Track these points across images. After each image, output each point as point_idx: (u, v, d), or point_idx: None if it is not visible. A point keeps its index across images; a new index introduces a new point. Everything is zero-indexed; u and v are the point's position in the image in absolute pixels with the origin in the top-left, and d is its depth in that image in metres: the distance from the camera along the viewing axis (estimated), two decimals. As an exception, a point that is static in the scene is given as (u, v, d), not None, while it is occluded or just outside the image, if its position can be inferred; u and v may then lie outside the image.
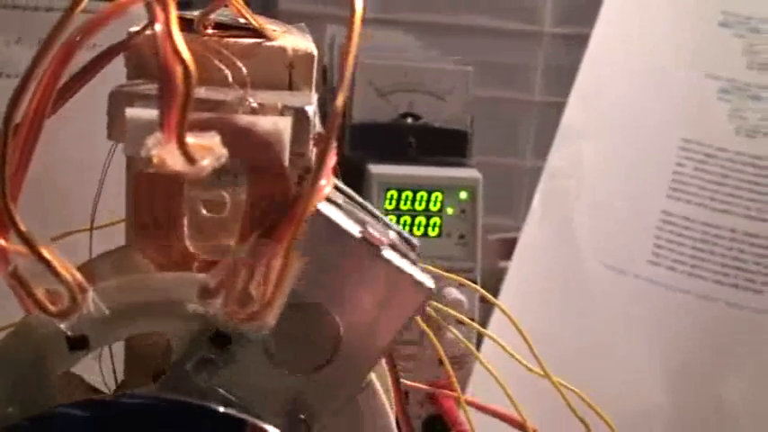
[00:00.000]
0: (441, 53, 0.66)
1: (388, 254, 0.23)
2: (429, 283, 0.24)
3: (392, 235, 0.24)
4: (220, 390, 0.23)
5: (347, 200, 0.24)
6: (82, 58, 0.27)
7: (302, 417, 0.24)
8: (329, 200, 0.23)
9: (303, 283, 0.22)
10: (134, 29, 0.27)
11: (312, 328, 0.23)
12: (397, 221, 0.54)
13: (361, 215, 0.24)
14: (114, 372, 0.28)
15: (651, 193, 0.60)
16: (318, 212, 0.22)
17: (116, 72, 0.28)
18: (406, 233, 0.25)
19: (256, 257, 0.21)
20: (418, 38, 0.75)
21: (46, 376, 0.24)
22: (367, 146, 0.55)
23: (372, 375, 0.25)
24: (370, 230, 0.23)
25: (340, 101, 0.21)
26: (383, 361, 0.29)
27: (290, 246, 0.20)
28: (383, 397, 0.26)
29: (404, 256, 0.24)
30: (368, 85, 0.55)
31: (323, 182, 0.21)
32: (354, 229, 0.23)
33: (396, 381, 0.29)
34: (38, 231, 0.22)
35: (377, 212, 0.25)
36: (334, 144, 0.22)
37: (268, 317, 0.22)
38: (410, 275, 0.23)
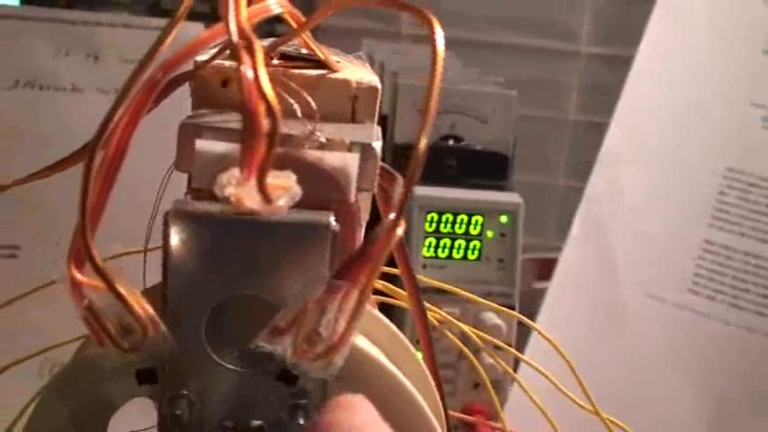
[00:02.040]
0: (480, 72, 0.66)
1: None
2: (316, 218, 0.23)
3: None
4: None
5: None
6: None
7: (304, 403, 0.23)
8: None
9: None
10: (201, 58, 0.27)
11: (259, 319, 0.22)
12: (437, 244, 0.53)
13: None
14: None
15: (693, 221, 0.60)
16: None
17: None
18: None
19: (329, 297, 0.21)
20: (455, 55, 0.75)
21: (107, 408, 0.24)
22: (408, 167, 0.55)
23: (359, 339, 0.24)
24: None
25: (422, 143, 0.20)
26: (432, 383, 0.29)
27: (368, 286, 0.20)
28: (373, 353, 0.25)
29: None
30: (410, 106, 0.55)
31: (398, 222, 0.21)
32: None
33: (444, 403, 0.29)
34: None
35: None
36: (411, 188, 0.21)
37: (336, 357, 0.22)
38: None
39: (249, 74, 0.19)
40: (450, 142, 0.56)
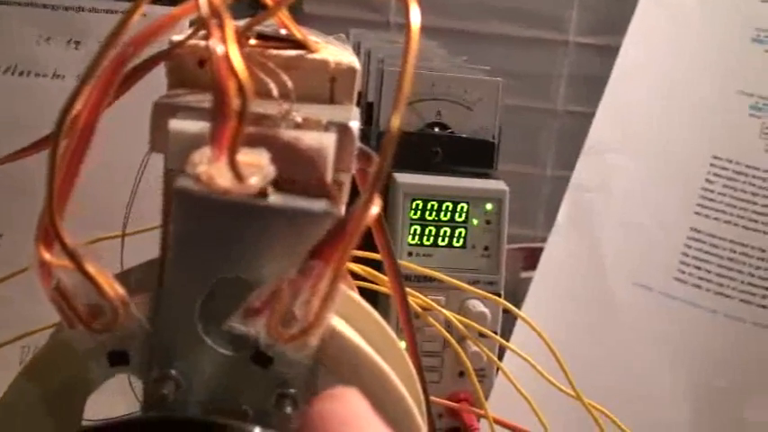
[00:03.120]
0: (467, 60, 0.66)
1: (272, 199, 0.22)
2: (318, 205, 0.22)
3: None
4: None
5: None
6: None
7: (291, 392, 0.23)
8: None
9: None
10: (176, 38, 0.26)
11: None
12: (422, 231, 0.53)
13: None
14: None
15: (679, 209, 0.60)
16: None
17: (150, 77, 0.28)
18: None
19: (303, 278, 0.20)
20: (443, 45, 0.75)
21: (85, 390, 0.23)
22: (394, 155, 0.54)
23: (336, 322, 0.24)
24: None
25: (395, 122, 0.20)
26: (413, 371, 0.29)
27: (340, 266, 0.20)
28: (355, 340, 0.24)
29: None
30: (395, 94, 0.55)
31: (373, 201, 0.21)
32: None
33: (425, 391, 0.29)
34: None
35: None
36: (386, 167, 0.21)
37: (311, 338, 0.21)
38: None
39: (219, 49, 0.19)
40: (436, 130, 0.56)
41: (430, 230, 0.53)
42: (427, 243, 0.53)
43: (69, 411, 0.24)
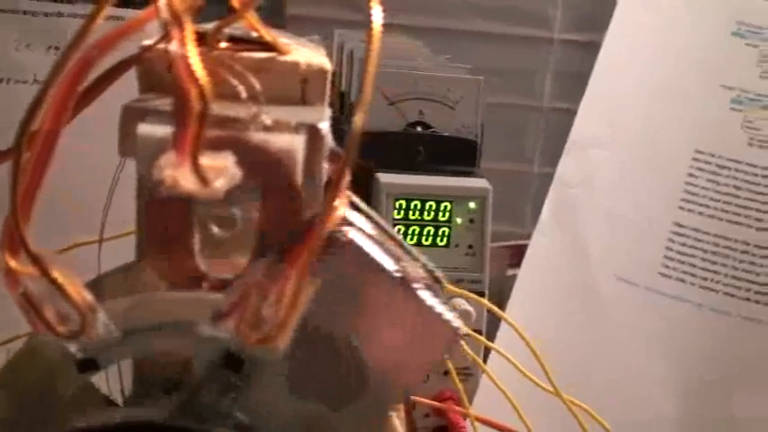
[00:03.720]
0: (450, 59, 0.66)
1: (423, 294, 0.23)
2: (460, 324, 0.23)
3: (419, 268, 0.23)
4: (239, 414, 0.22)
5: (374, 226, 0.24)
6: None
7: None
8: (358, 227, 0.22)
9: (332, 315, 0.22)
10: (147, 42, 0.26)
11: (339, 361, 0.22)
12: (406, 231, 0.53)
13: (392, 247, 0.23)
14: (121, 380, 0.28)
15: (663, 204, 0.60)
16: (353, 244, 0.22)
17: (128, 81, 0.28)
18: (430, 264, 0.24)
19: (270, 280, 0.20)
20: (426, 44, 0.75)
21: (56, 397, 0.23)
22: (376, 155, 0.54)
23: (396, 422, 0.24)
24: (406, 267, 0.22)
25: (359, 121, 0.20)
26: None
27: (304, 269, 0.20)
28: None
29: (435, 294, 0.23)
30: (377, 93, 0.55)
31: (337, 202, 0.21)
32: (390, 265, 0.22)
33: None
34: (46, 241, 0.22)
35: (402, 241, 0.24)
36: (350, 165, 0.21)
37: (280, 340, 0.21)
38: (444, 317, 0.23)
39: (178, 52, 0.19)
40: (419, 129, 0.56)
41: (414, 230, 0.53)
42: (411, 243, 0.53)
43: (43, 418, 0.24)
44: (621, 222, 0.60)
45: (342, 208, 0.21)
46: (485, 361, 0.50)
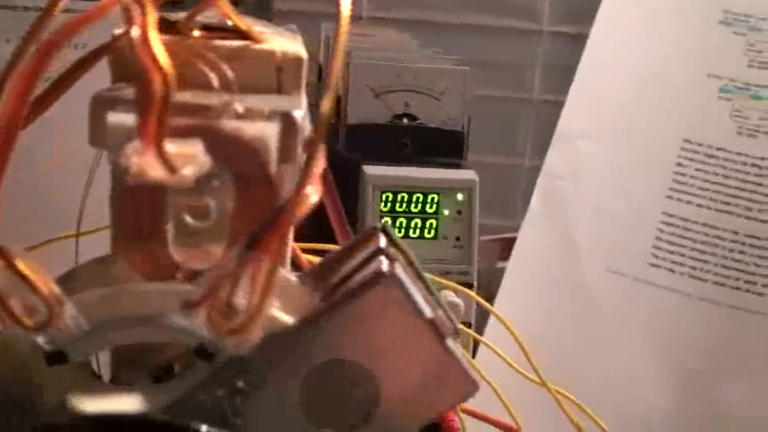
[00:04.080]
0: (437, 52, 0.65)
1: (452, 344, 0.23)
2: (477, 378, 0.24)
3: (441, 313, 0.23)
4: (240, 421, 0.22)
5: (406, 262, 0.24)
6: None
7: (239, 385, 0.23)
8: (401, 263, 0.23)
9: (358, 345, 0.22)
10: (118, 31, 0.26)
11: (353, 388, 0.23)
12: (393, 223, 0.53)
13: (422, 288, 0.23)
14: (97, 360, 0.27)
15: (651, 194, 0.60)
16: (396, 280, 0.22)
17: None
18: (446, 306, 0.24)
19: (240, 268, 0.20)
20: (414, 36, 0.74)
21: (35, 384, 0.23)
22: (362, 147, 0.54)
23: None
24: (440, 315, 0.23)
25: (326, 105, 0.20)
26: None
27: (276, 256, 0.20)
28: None
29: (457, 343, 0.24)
30: (363, 86, 0.54)
31: (309, 189, 0.21)
32: (427, 310, 0.23)
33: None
34: (23, 236, 0.22)
35: (429, 282, 0.24)
36: (323, 149, 0.21)
37: (252, 330, 0.21)
38: (467, 371, 0.23)
39: (139, 37, 0.18)
40: (405, 121, 0.55)
41: (401, 222, 0.53)
42: (398, 235, 0.53)
43: (23, 408, 0.23)
44: (610, 213, 0.60)
45: (314, 195, 0.21)
46: (474, 354, 0.50)
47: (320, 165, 0.21)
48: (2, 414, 0.23)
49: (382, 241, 0.24)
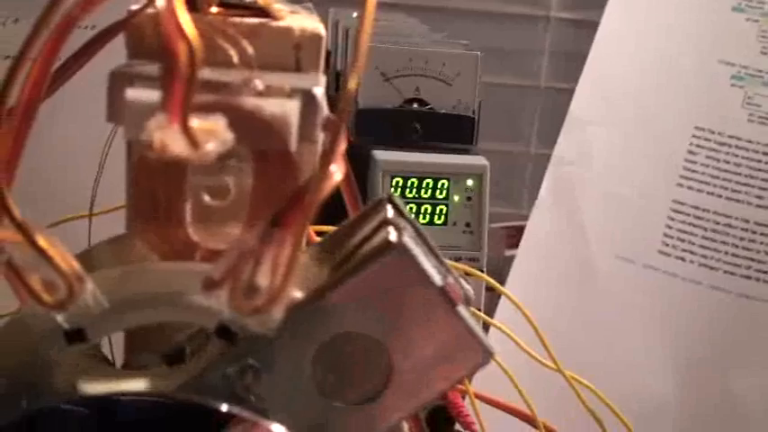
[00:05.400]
0: (447, 37, 0.65)
1: (463, 311, 0.22)
2: (492, 348, 0.23)
3: (451, 280, 0.23)
4: (254, 398, 0.22)
5: (416, 234, 0.23)
6: (81, 37, 0.26)
7: (249, 362, 0.23)
8: (410, 233, 0.22)
9: (370, 318, 0.22)
10: (135, 7, 0.25)
11: (365, 361, 0.22)
12: (403, 209, 0.52)
13: (432, 258, 0.23)
14: (111, 347, 0.27)
15: (662, 181, 0.59)
16: (405, 249, 0.21)
17: (118, 51, 0.27)
18: (459, 277, 0.24)
19: (263, 246, 0.20)
20: (422, 22, 0.74)
21: (46, 366, 0.23)
22: (372, 132, 0.54)
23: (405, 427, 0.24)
24: (451, 282, 0.22)
25: (352, 84, 0.19)
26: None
27: (299, 235, 0.19)
28: None
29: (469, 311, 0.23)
30: (374, 70, 0.54)
31: (333, 168, 0.20)
32: (437, 278, 0.22)
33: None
34: (34, 218, 0.21)
35: (439, 253, 0.24)
36: (345, 129, 0.20)
37: (275, 310, 0.21)
38: (479, 339, 0.23)
39: (167, 10, 0.18)
40: (415, 106, 0.55)
41: (410, 208, 0.53)
42: (408, 220, 0.53)
43: (34, 391, 0.23)
44: (620, 200, 0.60)
45: (337, 174, 0.20)
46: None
47: (343, 143, 0.21)
48: (13, 395, 0.23)
49: (389, 212, 0.23)
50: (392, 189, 0.52)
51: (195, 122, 0.19)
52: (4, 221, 0.20)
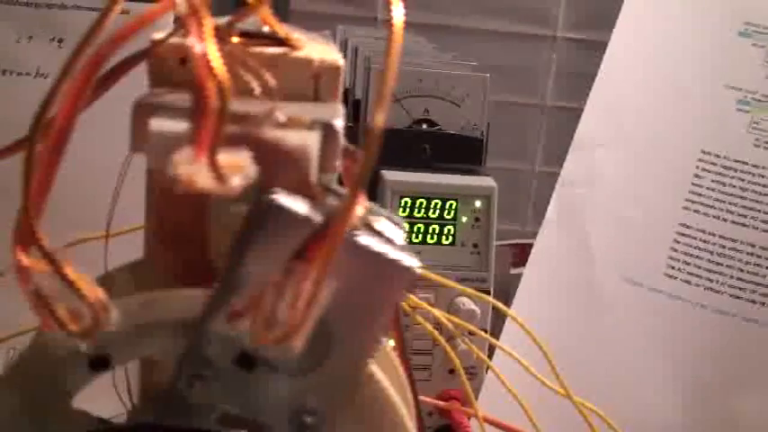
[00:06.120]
0: (454, 56, 0.65)
1: (365, 240, 0.22)
2: (410, 261, 0.22)
3: (374, 219, 0.22)
4: (220, 405, 0.22)
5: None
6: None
7: (309, 421, 0.23)
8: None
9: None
10: (157, 36, 0.26)
11: None
12: (411, 229, 0.53)
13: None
14: (129, 391, 0.28)
15: (668, 204, 0.60)
16: (274, 202, 0.21)
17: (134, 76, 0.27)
18: (394, 216, 0.23)
19: (286, 279, 0.20)
20: (429, 40, 0.74)
21: (63, 396, 0.23)
22: (381, 152, 0.54)
23: (374, 367, 0.24)
24: (332, 214, 0.21)
25: (379, 119, 0.20)
26: (401, 371, 0.28)
27: (323, 268, 0.20)
28: (389, 389, 0.24)
29: (386, 240, 0.23)
30: (378, 91, 0.54)
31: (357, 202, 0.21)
32: (316, 216, 0.21)
33: (414, 391, 0.28)
34: (53, 238, 0.22)
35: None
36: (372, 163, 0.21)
37: (295, 340, 0.21)
38: (389, 257, 0.22)
39: (197, 47, 0.18)
40: (424, 126, 0.55)
41: (419, 228, 0.53)
42: (416, 241, 0.53)
43: (52, 417, 0.24)
44: (627, 223, 0.60)
45: (360, 208, 0.21)
46: (490, 359, 0.50)
47: (367, 179, 0.21)
48: (30, 419, 0.23)
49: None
50: (401, 209, 0.52)
51: (222, 157, 0.20)
52: (33, 250, 0.20)
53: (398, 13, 0.20)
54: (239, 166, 0.20)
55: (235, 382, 0.22)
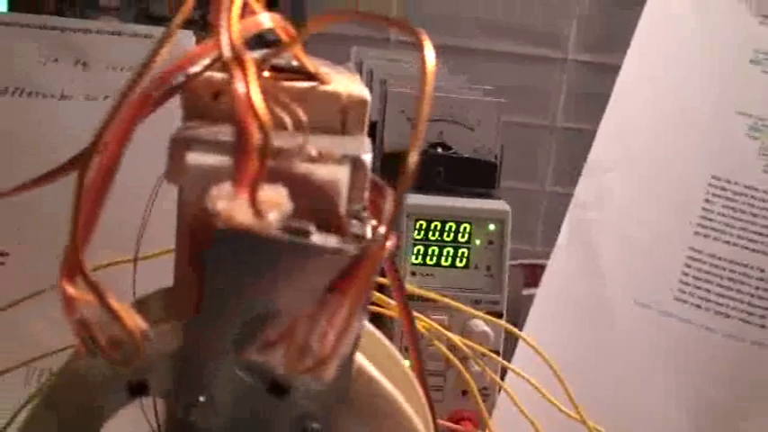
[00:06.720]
0: (467, 78, 0.66)
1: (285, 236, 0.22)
2: (347, 243, 0.22)
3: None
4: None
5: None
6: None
7: (315, 427, 0.24)
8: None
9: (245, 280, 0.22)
10: (193, 70, 0.27)
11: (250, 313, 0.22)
12: (425, 251, 0.54)
13: None
14: (156, 416, 0.28)
15: (679, 229, 0.60)
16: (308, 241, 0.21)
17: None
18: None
19: (320, 311, 0.21)
20: (441, 63, 0.75)
21: (98, 420, 0.24)
22: (397, 175, 0.55)
23: (359, 358, 0.24)
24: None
25: (413, 159, 0.21)
26: (420, 392, 0.29)
27: (357, 300, 0.21)
28: (381, 379, 0.25)
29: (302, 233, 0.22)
30: (399, 114, 0.55)
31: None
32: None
33: (433, 412, 0.29)
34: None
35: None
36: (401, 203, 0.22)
37: (326, 370, 0.22)
38: (315, 244, 0.22)
39: (241, 90, 0.19)
40: (439, 150, 0.56)
41: (433, 250, 0.54)
42: (430, 263, 0.54)
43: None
44: (638, 247, 0.61)
45: (391, 242, 0.22)
46: (502, 379, 0.50)
47: (396, 217, 0.22)
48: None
49: None
50: (416, 231, 0.53)
51: (261, 193, 0.20)
52: (78, 280, 0.21)
53: (431, 57, 0.21)
54: (277, 203, 0.21)
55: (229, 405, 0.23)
